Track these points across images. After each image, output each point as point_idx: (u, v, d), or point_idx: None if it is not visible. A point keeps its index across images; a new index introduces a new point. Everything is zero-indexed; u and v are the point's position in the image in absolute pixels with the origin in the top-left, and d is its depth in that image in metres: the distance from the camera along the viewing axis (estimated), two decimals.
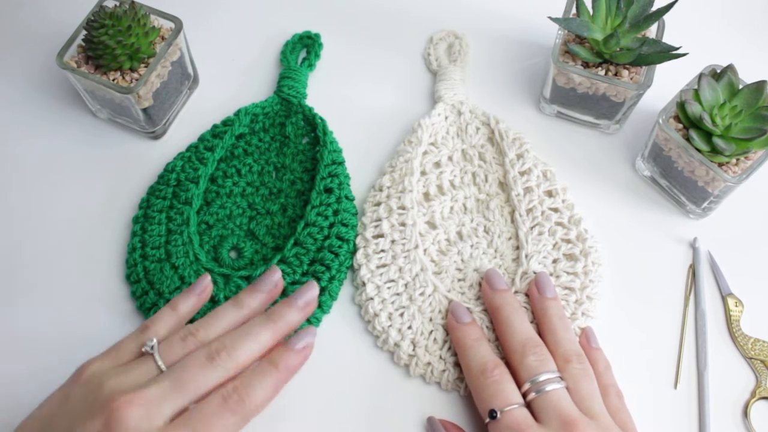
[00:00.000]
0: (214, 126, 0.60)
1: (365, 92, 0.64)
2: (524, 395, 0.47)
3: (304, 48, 0.65)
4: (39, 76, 0.64)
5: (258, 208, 0.58)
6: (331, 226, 0.56)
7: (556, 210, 0.57)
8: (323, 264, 0.55)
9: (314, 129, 0.60)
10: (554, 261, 0.55)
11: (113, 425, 0.40)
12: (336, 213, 0.56)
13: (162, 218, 0.56)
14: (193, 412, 0.42)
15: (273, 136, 0.60)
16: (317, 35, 0.65)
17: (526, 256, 0.55)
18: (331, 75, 0.65)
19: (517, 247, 0.56)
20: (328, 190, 0.57)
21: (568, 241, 0.56)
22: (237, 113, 0.60)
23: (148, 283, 0.54)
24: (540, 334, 0.51)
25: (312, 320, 0.54)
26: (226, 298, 0.53)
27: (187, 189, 0.57)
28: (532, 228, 0.56)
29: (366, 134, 0.62)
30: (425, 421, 0.51)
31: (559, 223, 0.56)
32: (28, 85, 0.64)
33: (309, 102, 0.63)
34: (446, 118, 0.61)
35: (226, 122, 0.60)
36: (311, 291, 0.50)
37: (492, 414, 0.46)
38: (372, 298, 0.54)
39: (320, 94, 0.63)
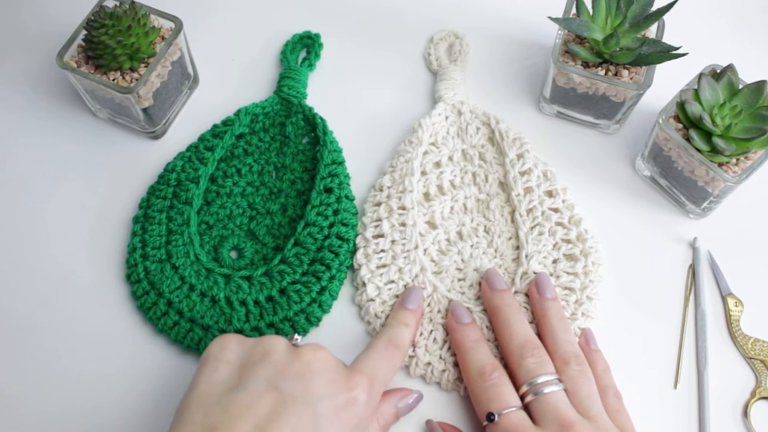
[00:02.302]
0: (215, 126, 0.60)
1: (365, 92, 0.64)
2: (522, 397, 0.47)
3: (304, 48, 0.65)
4: (39, 76, 0.64)
5: (258, 208, 0.58)
6: (332, 225, 0.56)
7: (556, 210, 0.57)
8: (323, 263, 0.54)
9: (314, 129, 0.60)
10: (554, 261, 0.55)
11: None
12: (336, 213, 0.56)
13: (162, 218, 0.56)
14: (364, 356, 0.48)
15: (273, 135, 0.60)
16: (317, 35, 0.65)
17: (526, 256, 0.55)
18: (332, 75, 0.65)
19: (518, 247, 0.56)
20: (329, 190, 0.57)
21: (569, 242, 0.56)
22: (237, 113, 0.60)
23: (149, 283, 0.54)
24: (539, 335, 0.51)
25: (312, 319, 0.54)
26: (227, 298, 0.53)
27: (188, 189, 0.57)
28: (532, 228, 0.56)
29: (366, 134, 0.62)
30: (425, 423, 0.51)
31: (559, 224, 0.56)
32: (28, 85, 0.64)
33: (309, 102, 0.63)
34: (447, 118, 0.61)
35: (227, 122, 0.60)
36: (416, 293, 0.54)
37: (490, 417, 0.46)
38: (373, 299, 0.54)
39: (320, 94, 0.63)
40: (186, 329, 0.53)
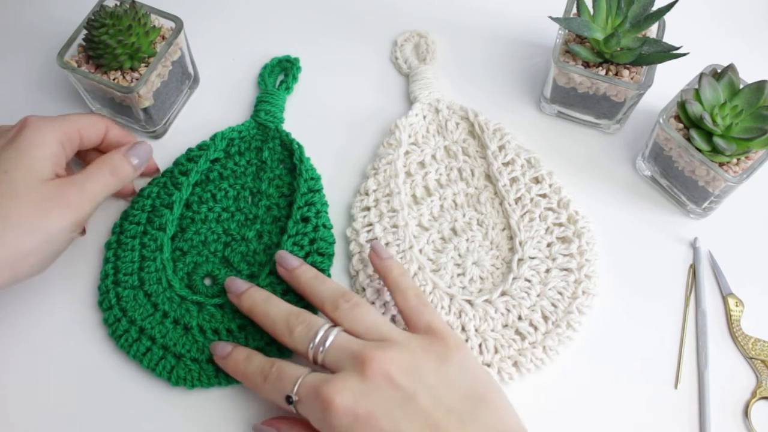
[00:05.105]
0: (189, 150, 0.59)
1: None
2: (315, 363, 0.47)
3: (282, 71, 0.64)
4: (39, 76, 0.64)
5: (233, 235, 0.57)
6: (307, 255, 0.55)
7: (544, 196, 0.58)
8: (297, 294, 0.54)
9: (291, 155, 0.59)
10: (549, 245, 0.56)
11: None
12: (312, 242, 0.55)
13: (135, 244, 0.55)
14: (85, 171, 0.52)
15: (249, 159, 0.59)
16: (296, 59, 0.64)
17: (521, 243, 0.55)
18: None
19: (512, 237, 0.56)
20: (305, 219, 0.56)
21: (560, 225, 0.56)
22: (213, 137, 0.59)
23: (121, 310, 0.53)
24: (308, 298, 0.52)
25: (284, 350, 0.52)
26: (199, 326, 0.53)
27: (162, 215, 0.56)
28: (522, 216, 0.56)
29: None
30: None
31: (549, 208, 0.57)
32: (28, 84, 0.64)
33: (287, 110, 0.62)
34: (424, 117, 0.61)
35: (201, 146, 0.59)
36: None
37: (288, 399, 0.46)
38: (374, 302, 0.54)
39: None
40: (158, 356, 0.52)
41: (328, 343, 0.47)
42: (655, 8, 0.56)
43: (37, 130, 0.51)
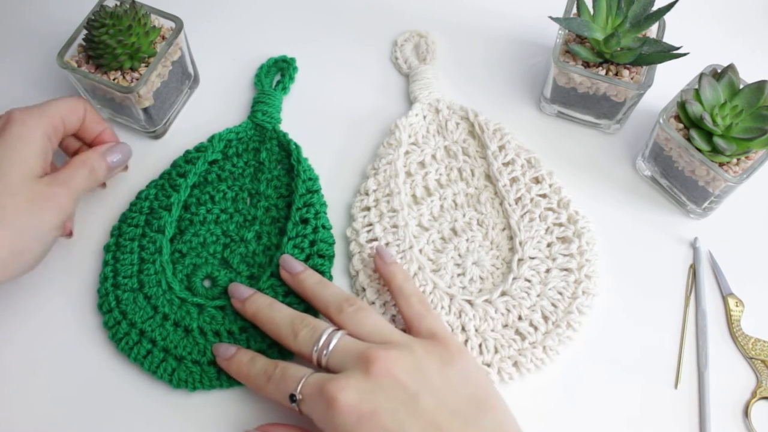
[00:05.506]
0: (187, 152, 0.59)
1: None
2: (319, 366, 0.47)
3: (278, 72, 0.64)
4: (39, 76, 0.64)
5: (232, 236, 0.57)
6: (308, 258, 0.55)
7: (544, 196, 0.58)
8: (298, 296, 0.54)
9: (289, 155, 0.59)
10: (549, 245, 0.56)
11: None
12: (312, 244, 0.55)
13: (134, 246, 0.55)
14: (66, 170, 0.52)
15: (247, 161, 0.59)
16: (292, 59, 0.64)
17: (521, 243, 0.56)
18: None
19: (512, 237, 0.56)
20: (304, 221, 0.56)
21: (560, 225, 0.56)
22: (210, 139, 0.59)
23: (121, 313, 0.53)
24: (312, 303, 0.52)
25: (285, 353, 0.52)
26: (200, 328, 0.53)
27: (160, 216, 0.56)
28: (522, 216, 0.57)
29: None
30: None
31: (549, 208, 0.57)
32: (28, 84, 0.64)
33: (284, 114, 0.62)
34: (424, 117, 0.61)
35: (199, 148, 0.59)
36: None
37: (292, 398, 0.46)
38: (374, 302, 0.54)
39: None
40: (159, 359, 0.52)
41: (332, 346, 0.47)
42: (655, 8, 0.56)
43: (23, 125, 0.50)
